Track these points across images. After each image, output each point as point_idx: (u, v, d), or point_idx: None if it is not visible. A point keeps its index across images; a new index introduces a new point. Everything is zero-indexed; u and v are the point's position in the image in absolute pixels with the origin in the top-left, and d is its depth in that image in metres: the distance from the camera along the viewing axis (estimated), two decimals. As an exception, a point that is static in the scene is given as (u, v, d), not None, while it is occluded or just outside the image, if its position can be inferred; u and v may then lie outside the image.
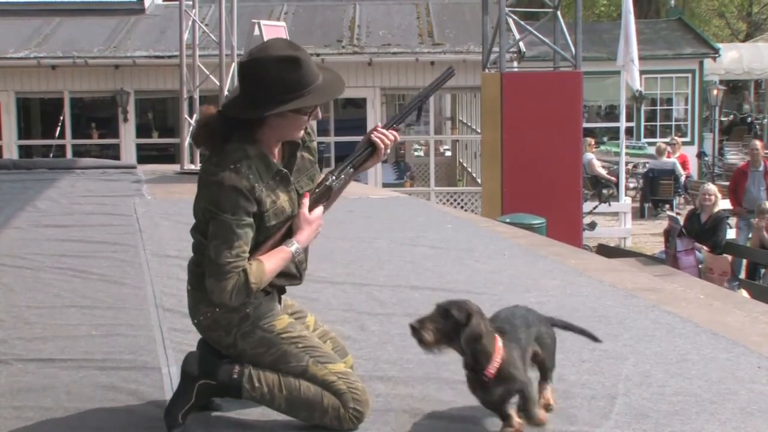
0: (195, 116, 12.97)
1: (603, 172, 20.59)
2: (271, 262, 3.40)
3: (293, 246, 3.46)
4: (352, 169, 3.63)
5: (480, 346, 3.26)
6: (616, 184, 18.75)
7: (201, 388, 3.45)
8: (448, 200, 20.40)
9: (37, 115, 23.44)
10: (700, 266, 12.10)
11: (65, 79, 20.36)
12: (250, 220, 3.35)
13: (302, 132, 3.52)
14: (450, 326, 3.23)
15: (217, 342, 3.52)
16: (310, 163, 3.66)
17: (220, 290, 3.28)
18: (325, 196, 3.57)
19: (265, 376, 3.45)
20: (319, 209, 3.56)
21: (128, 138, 20.79)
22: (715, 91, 24.88)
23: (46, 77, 20.34)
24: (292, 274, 3.61)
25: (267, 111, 3.32)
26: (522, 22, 15.37)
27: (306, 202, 3.50)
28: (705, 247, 12.30)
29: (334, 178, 3.56)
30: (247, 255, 3.34)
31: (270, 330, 3.48)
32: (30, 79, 20.38)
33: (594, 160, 20.71)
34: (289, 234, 3.49)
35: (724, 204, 14.04)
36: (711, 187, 13.28)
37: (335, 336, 3.87)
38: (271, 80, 3.30)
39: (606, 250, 13.33)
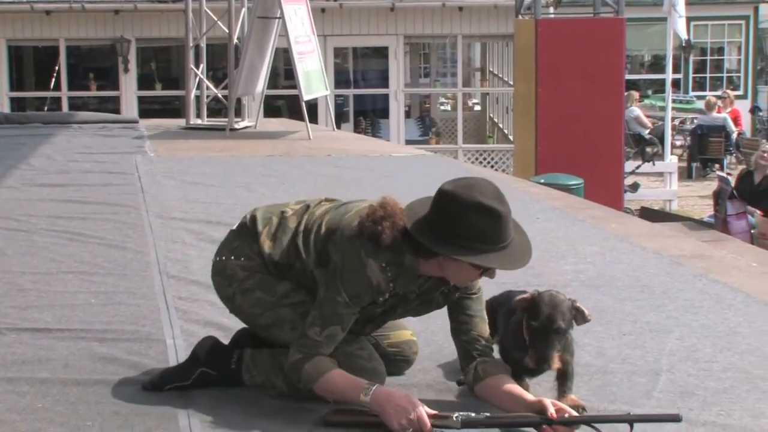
0: (201, 66, 12.97)
1: (648, 123, 20.59)
2: (340, 380, 3.39)
3: (367, 395, 3.32)
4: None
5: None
6: (661, 141, 18.68)
7: (201, 376, 3.64)
8: (477, 159, 20.39)
9: (30, 65, 23.47)
10: (752, 231, 12.05)
11: (61, 26, 20.37)
12: (358, 310, 3.46)
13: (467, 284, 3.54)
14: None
15: (218, 290, 3.76)
16: (436, 304, 3.66)
17: (290, 356, 3.42)
18: (439, 425, 3.26)
19: (261, 363, 3.61)
20: (417, 408, 3.26)
21: (129, 90, 20.83)
22: (771, 40, 24.72)
23: (39, 23, 20.36)
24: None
25: (444, 251, 3.33)
26: (560, -37, 15.29)
27: (423, 409, 3.26)
28: (758, 211, 12.23)
29: (462, 416, 3.26)
30: (335, 344, 3.44)
31: (271, 293, 3.61)
32: (23, 26, 20.40)
33: (641, 115, 20.66)
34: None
35: (781, 163, 13.94)
36: (770, 146, 13.19)
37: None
38: (462, 223, 3.30)
39: (649, 214, 13.29)
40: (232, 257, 3.69)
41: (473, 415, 3.24)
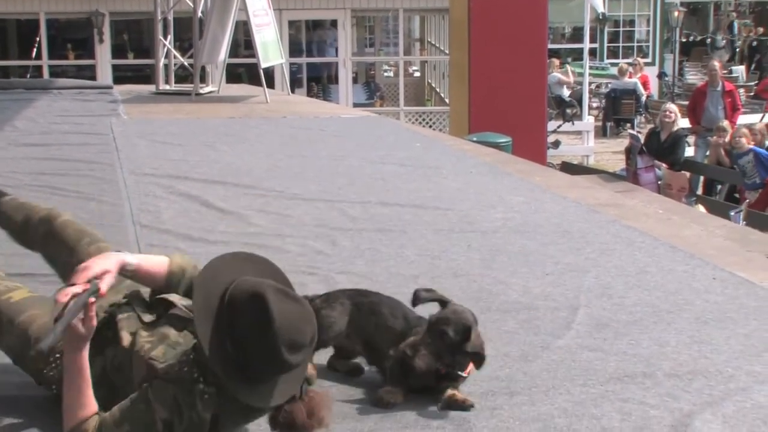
0: (169, 37, 12.81)
1: (569, 80, 20.67)
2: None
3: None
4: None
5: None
6: (579, 103, 18.76)
7: None
8: (416, 119, 20.32)
9: (13, 37, 23.07)
10: (659, 182, 12.16)
11: (41, 1, 20.00)
12: None
13: None
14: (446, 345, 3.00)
15: None
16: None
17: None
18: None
19: None
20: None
21: (104, 59, 20.53)
22: (676, 13, 24.78)
23: (22, -1, 20.00)
24: None
25: (229, 383, 2.57)
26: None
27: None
28: (664, 164, 12.35)
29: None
30: None
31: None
32: (5, 1, 19.99)
33: (563, 78, 20.74)
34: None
35: (683, 123, 14.06)
36: (672, 106, 13.31)
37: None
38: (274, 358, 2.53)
39: (569, 168, 13.35)
40: None
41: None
